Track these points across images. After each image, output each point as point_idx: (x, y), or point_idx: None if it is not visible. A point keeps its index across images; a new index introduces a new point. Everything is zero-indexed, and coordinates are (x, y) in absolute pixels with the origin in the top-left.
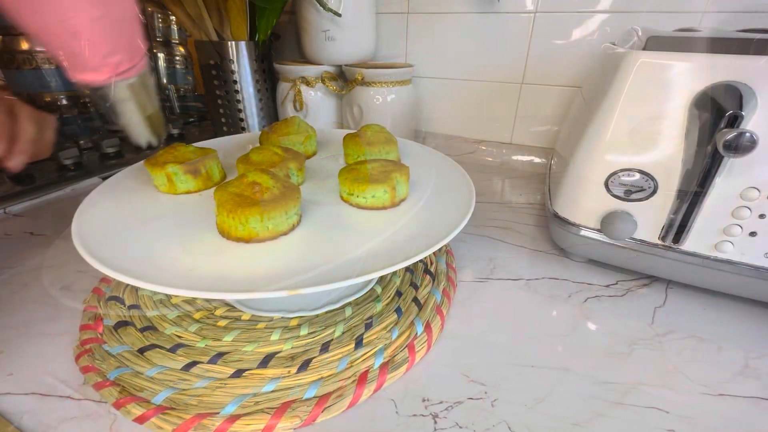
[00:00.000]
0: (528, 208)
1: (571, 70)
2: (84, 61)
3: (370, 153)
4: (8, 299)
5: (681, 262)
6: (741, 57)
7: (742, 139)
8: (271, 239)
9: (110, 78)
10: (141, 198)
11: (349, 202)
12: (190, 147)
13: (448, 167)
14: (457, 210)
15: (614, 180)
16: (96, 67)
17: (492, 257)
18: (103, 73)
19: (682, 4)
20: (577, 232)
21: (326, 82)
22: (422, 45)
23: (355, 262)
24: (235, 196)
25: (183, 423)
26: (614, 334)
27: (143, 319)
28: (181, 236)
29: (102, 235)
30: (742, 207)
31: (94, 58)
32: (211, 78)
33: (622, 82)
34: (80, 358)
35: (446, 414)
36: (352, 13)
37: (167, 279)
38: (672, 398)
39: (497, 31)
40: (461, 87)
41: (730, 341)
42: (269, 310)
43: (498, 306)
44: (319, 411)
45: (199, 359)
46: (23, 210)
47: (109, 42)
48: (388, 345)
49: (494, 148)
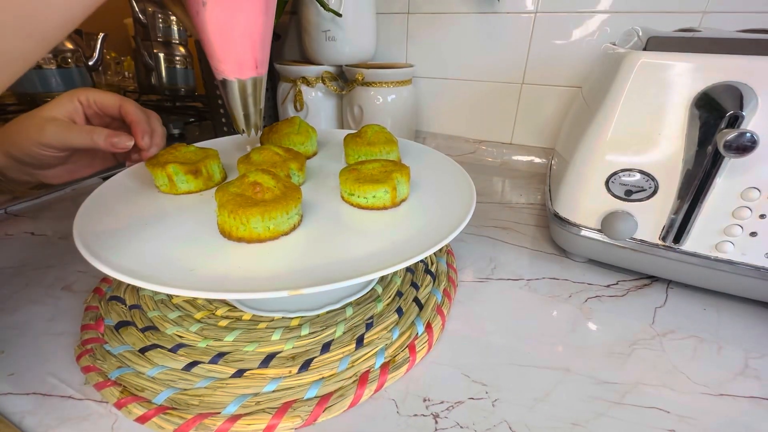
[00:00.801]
0: (528, 208)
1: (571, 70)
2: (244, 65)
3: (371, 153)
4: (9, 299)
5: (681, 262)
6: (741, 57)
7: (742, 139)
8: (272, 239)
9: (250, 75)
10: (142, 198)
11: (350, 202)
12: (190, 147)
13: (449, 167)
14: (457, 210)
15: (615, 180)
16: (246, 68)
17: (492, 257)
18: (248, 73)
19: (682, 4)
20: (578, 232)
21: (327, 82)
22: (422, 45)
23: (355, 262)
24: (236, 197)
25: (184, 423)
26: (614, 334)
27: (144, 318)
28: (182, 236)
29: (103, 235)
30: (743, 207)
31: (249, 62)
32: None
33: (623, 83)
34: (81, 358)
35: (447, 414)
36: (352, 13)
37: (168, 279)
38: (672, 398)
39: (497, 31)
40: (461, 87)
41: (730, 341)
42: (270, 310)
43: (498, 306)
44: (320, 411)
45: (200, 359)
46: (23, 210)
47: (263, 50)
48: (389, 345)
49: (494, 148)
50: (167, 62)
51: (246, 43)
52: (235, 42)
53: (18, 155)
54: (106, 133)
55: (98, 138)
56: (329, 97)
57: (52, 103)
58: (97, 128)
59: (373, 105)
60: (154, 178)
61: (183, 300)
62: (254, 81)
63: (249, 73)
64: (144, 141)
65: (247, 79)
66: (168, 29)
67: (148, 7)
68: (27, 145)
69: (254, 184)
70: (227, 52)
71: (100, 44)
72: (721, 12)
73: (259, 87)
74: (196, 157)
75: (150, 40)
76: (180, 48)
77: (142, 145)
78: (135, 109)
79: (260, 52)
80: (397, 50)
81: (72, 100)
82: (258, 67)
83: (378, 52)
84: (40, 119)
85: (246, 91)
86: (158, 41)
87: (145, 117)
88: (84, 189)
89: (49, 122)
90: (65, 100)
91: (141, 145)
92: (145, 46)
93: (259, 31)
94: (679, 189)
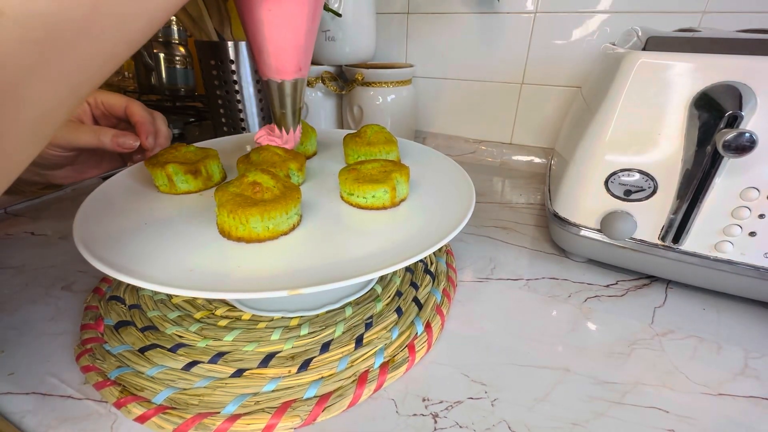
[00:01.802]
0: (528, 208)
1: (571, 70)
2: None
3: (371, 153)
4: (9, 299)
5: (681, 262)
6: (740, 57)
7: (741, 139)
8: (272, 239)
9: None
10: (141, 198)
11: (350, 202)
12: (190, 147)
13: (448, 167)
14: (457, 210)
15: (614, 180)
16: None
17: (492, 257)
18: (291, 75)
19: (682, 4)
20: (577, 232)
21: (326, 82)
22: (422, 45)
23: (355, 262)
24: (236, 196)
25: (184, 422)
26: (614, 334)
27: (144, 318)
28: (181, 236)
29: (103, 235)
30: (742, 207)
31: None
32: (212, 78)
33: (622, 82)
34: (81, 358)
35: (446, 414)
36: (352, 13)
37: (168, 279)
38: (672, 398)
39: (497, 31)
40: (461, 87)
41: (730, 341)
42: (270, 310)
43: (498, 306)
44: (319, 411)
45: (199, 359)
46: (23, 210)
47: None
48: (388, 345)
49: (494, 148)
50: (167, 62)
51: (293, 48)
52: (286, 48)
53: None
54: (113, 133)
55: (105, 138)
56: (329, 97)
57: None
58: (104, 128)
59: (373, 105)
60: (153, 178)
61: (182, 300)
62: (295, 82)
63: (292, 75)
64: (148, 141)
65: (290, 80)
66: (168, 29)
67: None
68: None
69: (254, 184)
70: (278, 57)
71: None
72: (721, 12)
73: (300, 87)
74: (195, 157)
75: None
76: (180, 48)
77: (146, 145)
78: (140, 110)
79: (304, 57)
80: (396, 50)
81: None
82: (302, 69)
83: (378, 52)
84: None
85: (285, 91)
86: (158, 41)
87: (150, 118)
88: (84, 189)
89: None
90: None
91: (145, 145)
92: (145, 46)
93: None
94: (679, 189)
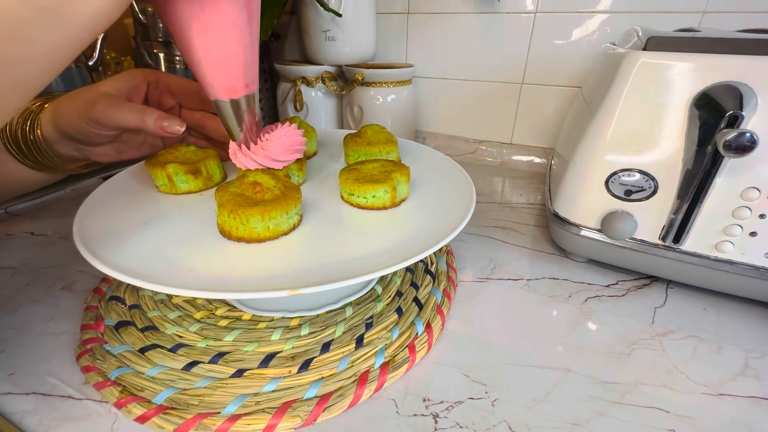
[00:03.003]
0: (528, 208)
1: (571, 70)
2: (233, 88)
3: (371, 153)
4: (9, 299)
5: (681, 262)
6: (741, 57)
7: (742, 139)
8: (272, 239)
9: (241, 95)
10: (142, 198)
11: (350, 202)
12: (190, 147)
13: (449, 167)
14: (457, 210)
15: (614, 180)
16: (237, 89)
17: (492, 257)
18: (240, 93)
19: (682, 4)
20: (577, 232)
21: (326, 82)
22: (422, 45)
23: (355, 262)
24: (236, 197)
25: (184, 423)
26: (614, 334)
27: (144, 318)
28: (181, 236)
29: (103, 235)
30: (743, 207)
31: (239, 83)
32: None
33: (622, 82)
34: (81, 358)
35: (447, 414)
36: (352, 13)
37: (168, 279)
38: (672, 398)
39: (497, 31)
40: (461, 87)
41: (730, 341)
42: (270, 310)
43: (498, 306)
44: (319, 411)
45: (199, 359)
46: (23, 210)
47: (250, 70)
48: (388, 345)
49: (494, 148)
50: (167, 62)
51: (233, 70)
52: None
53: (66, 129)
54: (158, 114)
55: (149, 118)
56: (329, 97)
57: (113, 77)
58: (149, 108)
59: (373, 105)
60: (154, 178)
61: (183, 300)
62: (246, 98)
63: (240, 93)
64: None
65: (240, 98)
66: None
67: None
68: (75, 119)
69: (254, 184)
70: (216, 78)
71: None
72: (721, 12)
73: (252, 102)
74: (195, 157)
75: (150, 40)
76: None
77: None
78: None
79: (249, 72)
80: (396, 50)
81: (135, 77)
82: (249, 85)
83: (378, 52)
84: (95, 93)
85: (240, 108)
86: (158, 41)
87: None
88: (84, 189)
89: (102, 97)
90: (128, 76)
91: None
92: (145, 46)
93: (242, 56)
94: (679, 189)
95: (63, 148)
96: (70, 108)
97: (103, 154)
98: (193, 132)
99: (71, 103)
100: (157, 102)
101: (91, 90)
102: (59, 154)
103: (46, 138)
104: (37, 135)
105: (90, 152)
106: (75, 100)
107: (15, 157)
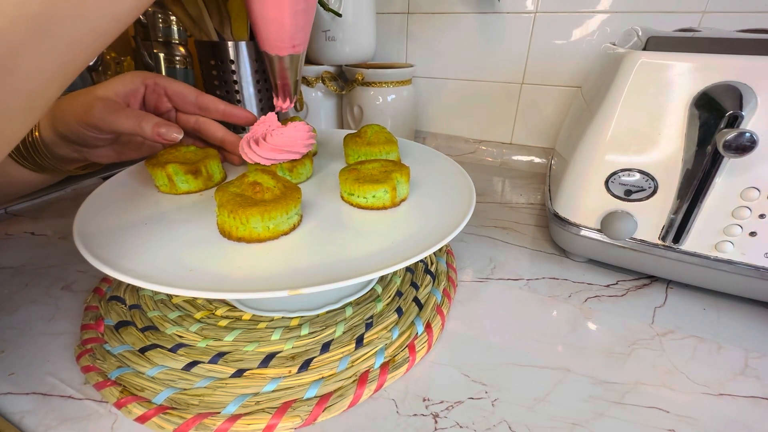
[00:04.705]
0: (528, 208)
1: (571, 70)
2: (280, 46)
3: (371, 153)
4: (9, 299)
5: (681, 262)
6: (741, 57)
7: (742, 139)
8: (272, 239)
9: (287, 53)
10: (142, 198)
11: (350, 202)
12: (191, 147)
13: (449, 167)
14: (457, 210)
15: (614, 180)
16: (283, 48)
17: (492, 257)
18: (286, 51)
19: (682, 4)
20: (577, 232)
21: (326, 82)
22: (422, 45)
23: (355, 262)
24: (236, 196)
25: (184, 423)
26: (614, 334)
27: (144, 318)
28: (181, 236)
29: (103, 235)
30: (742, 207)
31: (285, 43)
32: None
33: (622, 82)
34: (81, 358)
35: (447, 414)
36: (352, 13)
37: (168, 279)
38: (672, 398)
39: (497, 31)
40: (461, 87)
41: (730, 341)
42: (270, 310)
43: (498, 306)
44: (319, 411)
45: (200, 359)
46: (23, 210)
47: (298, 35)
48: (388, 345)
49: (494, 148)
50: (167, 62)
51: (280, 31)
52: (276, 24)
53: (64, 132)
54: (156, 121)
55: (146, 125)
56: (329, 97)
57: (111, 80)
58: (146, 114)
59: (373, 105)
60: (153, 178)
61: (183, 300)
62: (291, 57)
63: (285, 52)
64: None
65: (285, 56)
66: (168, 29)
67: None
68: (72, 123)
69: (254, 184)
70: (266, 35)
71: None
72: (721, 12)
73: (296, 62)
74: (196, 157)
75: (150, 40)
76: (180, 48)
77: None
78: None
79: (296, 36)
80: (396, 50)
81: (133, 80)
82: (296, 46)
83: (378, 52)
84: (92, 97)
85: (284, 65)
86: (158, 41)
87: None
88: (84, 189)
89: (99, 101)
90: (126, 79)
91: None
92: (145, 46)
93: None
94: (679, 189)
95: (62, 150)
96: (67, 112)
97: (103, 156)
98: (189, 136)
99: (68, 106)
100: (155, 105)
101: (89, 93)
102: (58, 156)
103: (44, 140)
104: (35, 137)
105: (89, 154)
106: (72, 104)
107: (14, 159)
